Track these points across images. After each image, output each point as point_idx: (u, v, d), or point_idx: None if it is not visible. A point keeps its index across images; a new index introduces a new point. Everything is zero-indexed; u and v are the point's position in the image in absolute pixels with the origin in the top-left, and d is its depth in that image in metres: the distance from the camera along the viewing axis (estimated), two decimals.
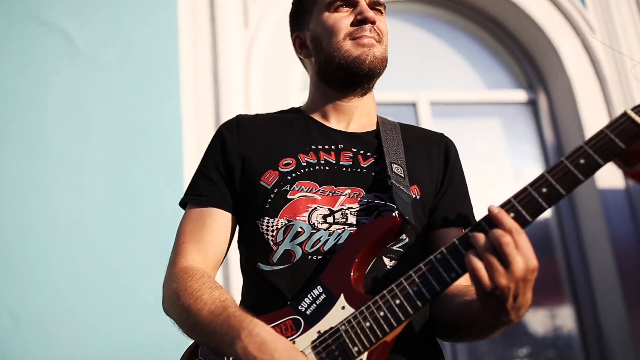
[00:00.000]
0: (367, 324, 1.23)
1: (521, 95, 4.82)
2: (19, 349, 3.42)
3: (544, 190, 1.18)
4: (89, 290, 3.56)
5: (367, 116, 1.69)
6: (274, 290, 1.41)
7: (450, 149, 1.67)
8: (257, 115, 1.69)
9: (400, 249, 1.45)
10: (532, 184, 1.20)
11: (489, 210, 1.17)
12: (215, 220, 1.52)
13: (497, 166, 4.68)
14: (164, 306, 1.49)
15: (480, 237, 1.16)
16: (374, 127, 1.67)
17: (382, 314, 1.22)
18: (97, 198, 3.70)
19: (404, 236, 1.44)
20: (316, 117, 1.66)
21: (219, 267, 1.55)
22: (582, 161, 1.20)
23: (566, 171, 1.20)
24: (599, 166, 1.19)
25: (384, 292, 1.25)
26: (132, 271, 3.62)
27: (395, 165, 1.49)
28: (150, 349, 3.48)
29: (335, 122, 1.64)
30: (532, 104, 4.83)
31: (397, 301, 1.22)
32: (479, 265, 1.14)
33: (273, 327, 1.31)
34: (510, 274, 1.12)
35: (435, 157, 1.62)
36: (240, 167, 1.54)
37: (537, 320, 4.63)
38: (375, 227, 1.35)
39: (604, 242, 4.31)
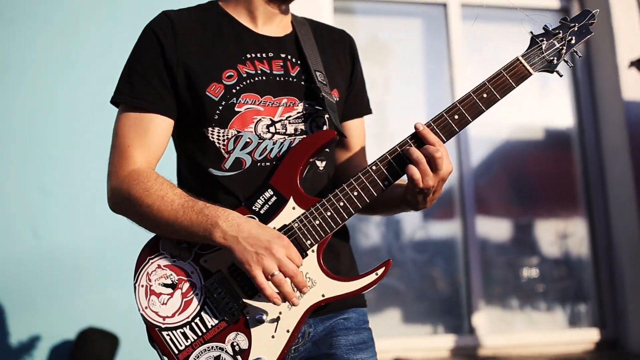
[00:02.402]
0: (317, 222, 1.47)
1: (554, 2, 4.73)
2: (48, 221, 3.54)
3: (456, 117, 1.49)
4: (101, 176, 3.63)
5: (286, 16, 1.73)
6: (227, 192, 1.55)
7: (353, 47, 1.82)
8: (181, 14, 1.64)
9: (327, 149, 1.66)
10: (446, 111, 1.49)
11: (416, 127, 1.47)
12: (158, 126, 1.57)
13: None
14: (113, 206, 1.61)
15: (415, 151, 1.45)
16: (291, 28, 1.72)
17: (329, 214, 1.47)
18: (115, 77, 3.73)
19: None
20: (242, 20, 1.67)
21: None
22: (484, 95, 1.50)
23: (472, 103, 1.49)
24: (497, 100, 1.51)
25: (330, 196, 1.48)
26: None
27: (319, 73, 1.63)
28: None
29: (261, 26, 1.67)
30: (565, 11, 4.73)
31: (341, 204, 1.48)
32: (415, 170, 1.44)
33: None
34: (436, 176, 1.46)
35: (343, 57, 1.77)
36: (183, 76, 1.56)
37: (550, 230, 4.70)
38: (316, 140, 1.54)
39: (625, 155, 4.31)
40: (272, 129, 1.57)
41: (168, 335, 1.49)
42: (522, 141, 4.75)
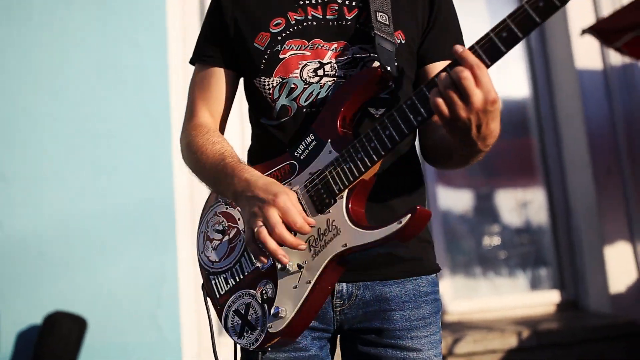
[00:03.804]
0: (347, 165, 1.35)
1: None
2: (7, 206, 3.51)
3: (504, 34, 1.20)
4: (74, 153, 3.62)
5: None
6: (276, 141, 1.54)
7: None
8: None
9: (387, 96, 1.52)
10: (493, 30, 1.21)
11: (454, 50, 1.21)
12: (219, 79, 1.64)
13: None
14: (183, 159, 1.66)
15: (442, 75, 1.22)
16: None
17: (359, 156, 1.34)
18: (81, 64, 3.70)
19: (390, 83, 1.48)
20: None
21: (227, 120, 1.71)
22: (540, 4, 1.18)
23: (525, 15, 1.19)
24: (557, 8, 1.17)
25: (362, 136, 1.35)
26: (117, 136, 3.67)
27: (379, 14, 1.51)
28: (136, 208, 3.59)
29: None
30: None
31: (372, 144, 1.33)
32: (439, 101, 1.20)
33: (274, 171, 1.48)
34: (469, 106, 1.19)
35: None
36: (234, 30, 1.60)
37: (510, 198, 4.81)
38: (358, 79, 1.44)
39: (579, 122, 4.42)
40: (319, 72, 1.51)
41: (214, 279, 1.54)
42: None
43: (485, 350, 3.63)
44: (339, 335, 1.59)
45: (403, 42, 1.55)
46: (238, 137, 3.77)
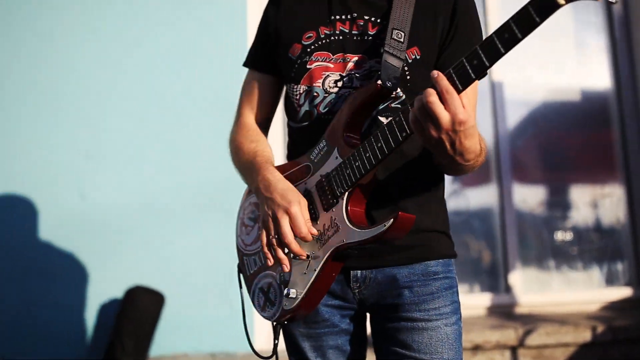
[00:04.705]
0: (348, 171, 1.54)
1: None
2: (91, 182, 3.70)
3: (475, 62, 1.29)
4: (154, 133, 3.79)
5: None
6: (299, 142, 1.75)
7: (459, 3, 1.69)
8: None
9: (399, 106, 1.66)
10: (466, 56, 1.30)
11: (431, 75, 1.31)
12: (263, 84, 1.88)
13: (560, 34, 4.61)
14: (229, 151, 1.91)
15: (418, 98, 1.33)
16: None
17: (357, 164, 1.52)
18: (162, 48, 3.86)
19: (400, 94, 1.64)
20: None
21: (271, 120, 1.94)
22: (505, 36, 1.24)
23: (491, 44, 1.26)
24: (517, 40, 1.23)
25: (360, 147, 1.52)
26: (195, 117, 3.79)
27: (396, 31, 1.63)
28: (211, 186, 3.71)
29: None
30: None
31: (367, 154, 1.50)
32: (414, 122, 1.34)
33: (294, 170, 1.70)
34: (438, 127, 1.30)
35: (442, 13, 1.68)
36: (275, 40, 1.80)
37: (586, 193, 4.70)
38: (361, 92, 1.60)
39: None
40: (339, 83, 1.68)
41: (246, 259, 1.79)
42: (558, 103, 4.73)
43: (558, 343, 3.58)
44: (368, 315, 1.78)
45: (418, 57, 1.66)
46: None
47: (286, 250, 1.56)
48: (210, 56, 3.89)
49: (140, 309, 3.41)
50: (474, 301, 4.19)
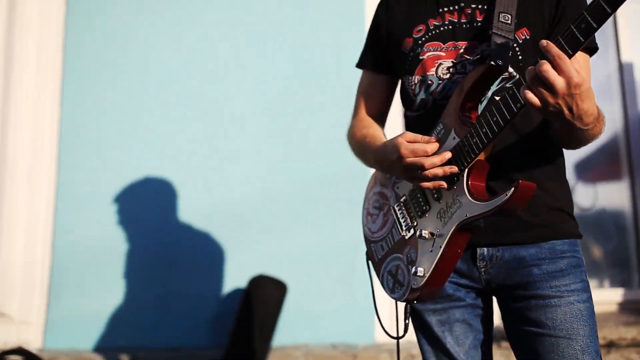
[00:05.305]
0: (466, 148, 1.57)
1: None
2: (217, 175, 3.84)
3: (582, 25, 1.33)
4: (275, 127, 3.87)
5: None
6: (415, 130, 1.74)
7: None
8: None
9: (512, 85, 1.65)
10: (573, 23, 1.34)
11: (540, 44, 1.36)
12: (376, 82, 2.00)
13: None
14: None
15: (530, 69, 1.38)
16: None
17: (474, 140, 1.55)
18: (285, 44, 3.92)
19: (514, 73, 1.69)
20: None
21: (386, 115, 2.05)
22: None
23: (599, 6, 1.30)
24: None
25: (476, 123, 1.56)
26: (316, 110, 3.84)
27: (502, 14, 1.69)
28: (333, 179, 3.74)
29: None
30: None
31: (483, 129, 1.53)
32: (528, 93, 1.37)
33: None
34: (554, 93, 1.34)
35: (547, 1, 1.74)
36: (387, 40, 1.91)
37: None
38: (473, 73, 1.64)
39: None
40: (452, 70, 1.74)
41: (374, 246, 1.88)
42: None
43: None
44: (494, 298, 1.80)
45: (528, 37, 1.72)
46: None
47: (439, 172, 1.59)
48: (330, 54, 3.93)
49: (263, 298, 3.48)
50: (604, 297, 3.98)
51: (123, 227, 3.76)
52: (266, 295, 3.50)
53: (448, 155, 1.59)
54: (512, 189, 1.44)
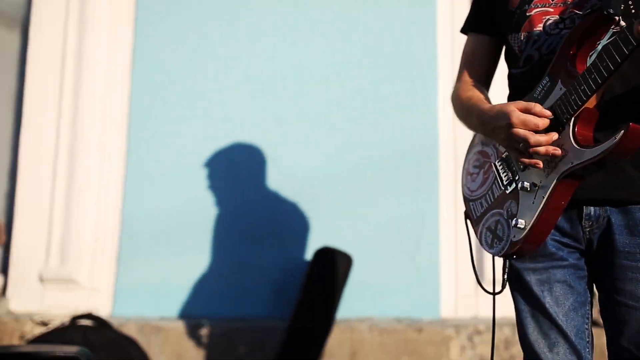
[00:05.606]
0: (573, 96, 1.51)
1: None
2: (284, 147, 3.88)
3: None
4: (344, 103, 3.89)
5: None
6: (521, 86, 1.75)
7: None
8: None
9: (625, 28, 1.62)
10: None
11: None
12: (480, 44, 1.97)
13: None
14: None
15: None
16: None
17: (582, 87, 1.48)
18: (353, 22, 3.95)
19: (622, 22, 1.56)
20: None
21: (491, 77, 2.00)
22: None
23: None
24: None
25: (584, 70, 1.49)
26: (385, 88, 3.87)
27: None
28: (401, 155, 3.77)
29: None
30: None
31: (592, 75, 1.46)
32: None
33: None
34: None
35: None
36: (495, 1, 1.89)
37: None
38: (583, 22, 1.60)
39: None
40: (560, 25, 1.70)
41: (472, 205, 1.85)
42: None
43: None
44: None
45: None
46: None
47: (540, 150, 1.54)
48: (401, 32, 3.96)
49: (329, 270, 3.50)
50: None
51: (191, 197, 3.82)
52: (332, 267, 3.52)
53: (555, 136, 1.53)
54: (622, 131, 1.39)
